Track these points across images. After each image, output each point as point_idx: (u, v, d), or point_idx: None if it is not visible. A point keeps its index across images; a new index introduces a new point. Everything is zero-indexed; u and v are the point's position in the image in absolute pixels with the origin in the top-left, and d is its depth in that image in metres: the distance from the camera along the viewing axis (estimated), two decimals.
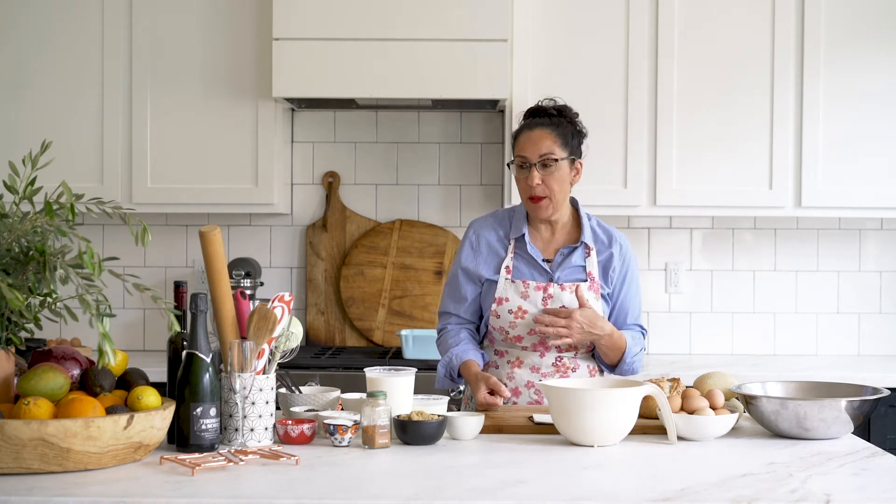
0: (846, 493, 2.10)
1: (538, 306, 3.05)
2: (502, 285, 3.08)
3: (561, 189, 3.07)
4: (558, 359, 3.07)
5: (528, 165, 3.04)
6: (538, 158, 3.03)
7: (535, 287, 3.06)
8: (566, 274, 3.09)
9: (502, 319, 3.06)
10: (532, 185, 3.03)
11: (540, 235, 3.15)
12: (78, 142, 4.25)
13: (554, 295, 3.05)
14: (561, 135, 3.07)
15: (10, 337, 2.31)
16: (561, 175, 3.05)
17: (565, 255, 3.11)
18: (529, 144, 3.05)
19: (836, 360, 4.46)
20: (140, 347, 4.62)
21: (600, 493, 2.11)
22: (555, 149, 3.04)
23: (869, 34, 4.23)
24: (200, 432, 2.37)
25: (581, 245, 3.11)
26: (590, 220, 3.17)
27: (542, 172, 3.03)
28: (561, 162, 3.04)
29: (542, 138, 3.05)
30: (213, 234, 2.53)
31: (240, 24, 4.25)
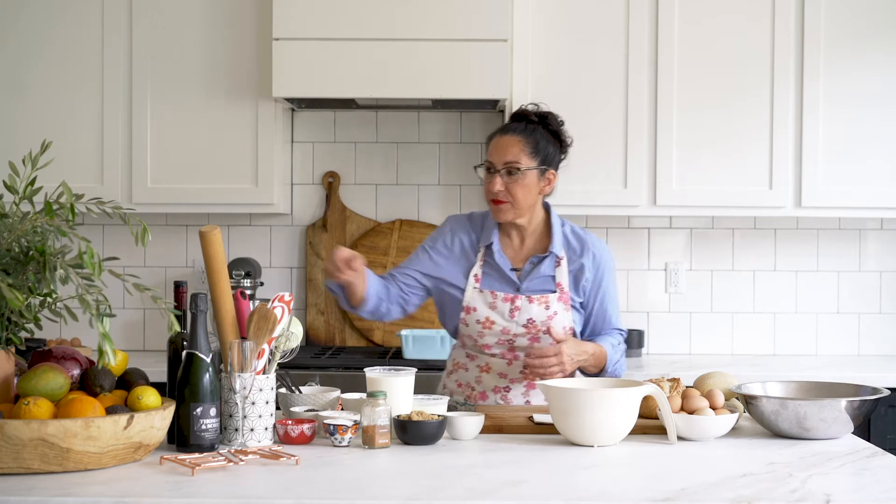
0: (846, 493, 2.11)
1: (505, 317, 3.03)
2: (470, 294, 3.05)
3: (525, 197, 3.03)
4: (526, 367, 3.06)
5: (494, 170, 3.03)
6: (503, 165, 3.02)
7: (504, 298, 3.03)
8: (534, 284, 3.06)
9: (471, 328, 3.06)
10: (493, 190, 3.02)
11: (510, 243, 3.11)
12: (78, 142, 4.25)
13: (521, 307, 3.03)
14: (532, 143, 3.04)
15: (10, 337, 2.31)
16: (526, 183, 3.02)
17: (534, 263, 3.07)
18: (497, 150, 3.04)
19: (836, 360, 4.46)
20: (140, 347, 4.62)
21: (600, 493, 2.11)
22: (521, 157, 3.02)
23: (869, 34, 4.23)
24: (200, 432, 2.37)
25: (550, 254, 3.07)
26: (563, 226, 3.13)
27: (506, 179, 3.01)
28: (527, 171, 3.02)
29: (511, 145, 3.03)
30: (213, 234, 2.53)
31: (240, 24, 4.25)
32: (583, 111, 4.24)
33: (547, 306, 3.03)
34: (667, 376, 2.99)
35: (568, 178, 4.23)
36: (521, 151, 3.02)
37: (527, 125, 3.07)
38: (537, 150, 3.04)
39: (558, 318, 3.04)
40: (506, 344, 3.05)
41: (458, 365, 3.14)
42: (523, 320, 3.03)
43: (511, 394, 3.08)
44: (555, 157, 3.09)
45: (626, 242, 4.61)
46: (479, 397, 3.08)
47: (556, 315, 3.04)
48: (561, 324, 3.05)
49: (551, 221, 3.12)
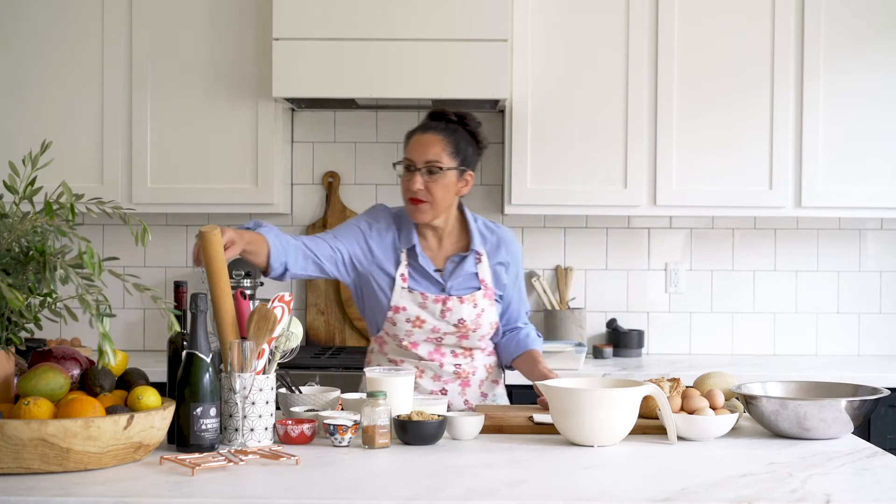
0: (846, 493, 2.10)
1: (436, 317, 3.03)
2: (398, 293, 3.03)
3: (444, 197, 3.01)
4: (457, 366, 3.08)
5: (414, 168, 3.00)
6: (423, 164, 2.99)
7: (434, 300, 3.02)
8: (459, 283, 3.06)
9: (398, 327, 3.04)
10: (413, 188, 2.99)
11: (428, 244, 3.10)
12: (78, 142, 4.25)
13: (453, 308, 3.03)
14: (452, 143, 3.02)
15: (10, 337, 2.31)
16: (446, 183, 3.01)
17: (456, 262, 3.07)
18: (417, 148, 3.01)
19: (836, 360, 4.46)
20: (140, 347, 4.62)
21: (600, 493, 2.11)
22: (443, 157, 3.00)
23: (869, 34, 4.23)
24: (200, 432, 2.37)
25: (471, 252, 3.07)
26: (476, 221, 3.14)
27: (426, 178, 2.99)
28: (447, 171, 3.00)
29: (432, 144, 3.00)
30: (213, 234, 2.53)
31: (240, 24, 4.24)
32: (583, 111, 4.25)
33: (475, 304, 3.05)
34: (667, 376, 2.99)
35: (568, 178, 4.25)
36: (442, 151, 3.00)
37: (447, 124, 3.05)
38: (458, 151, 3.03)
39: (486, 314, 3.07)
40: (433, 342, 3.05)
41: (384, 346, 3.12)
42: (454, 320, 3.03)
43: (449, 394, 3.08)
44: (473, 159, 3.08)
45: (626, 242, 4.61)
46: None
47: (484, 312, 3.06)
48: (488, 321, 3.08)
49: (466, 220, 3.12)
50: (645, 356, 4.52)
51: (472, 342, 3.07)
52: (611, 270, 4.61)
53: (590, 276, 4.62)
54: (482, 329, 3.06)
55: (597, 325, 4.61)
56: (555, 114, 4.24)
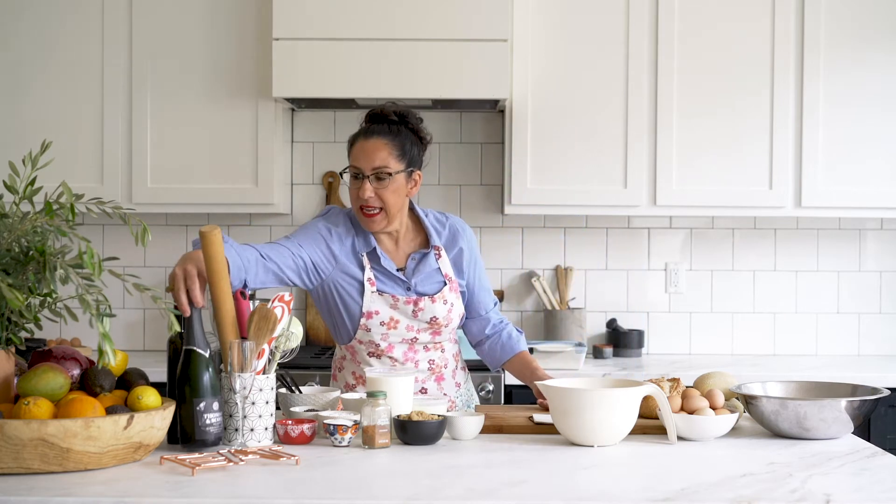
0: (846, 493, 2.10)
1: (409, 316, 3.00)
2: (369, 298, 2.97)
3: (395, 201, 2.96)
4: (431, 361, 3.07)
5: (362, 176, 2.93)
6: (371, 171, 2.92)
7: (405, 301, 2.98)
8: (422, 280, 3.02)
9: (373, 333, 2.98)
10: (363, 196, 2.92)
11: (385, 247, 3.05)
12: (78, 142, 4.25)
13: (425, 308, 3.00)
14: (398, 145, 2.95)
15: (10, 337, 2.31)
16: (396, 187, 2.95)
17: (417, 260, 3.03)
18: (363, 155, 2.93)
19: (836, 360, 4.46)
20: (140, 347, 4.62)
21: (600, 493, 2.11)
22: (390, 161, 2.93)
23: (869, 35, 4.23)
24: (205, 427, 2.37)
25: (431, 249, 3.05)
26: (427, 216, 3.10)
27: (375, 185, 2.92)
28: (396, 175, 2.94)
29: (377, 149, 2.93)
30: (213, 234, 2.53)
31: (240, 24, 4.25)
32: (583, 111, 4.25)
33: (445, 300, 3.03)
34: (667, 376, 2.99)
35: (568, 178, 4.25)
36: (388, 155, 2.94)
37: (389, 127, 2.98)
38: (404, 153, 2.96)
39: (455, 308, 3.06)
40: (408, 342, 3.03)
41: (360, 378, 3.06)
42: (427, 318, 3.01)
43: (430, 393, 3.07)
44: (419, 157, 3.02)
45: (626, 242, 4.61)
46: None
47: (453, 307, 3.05)
48: (458, 314, 3.07)
49: (419, 217, 3.09)
50: (645, 356, 4.52)
51: (443, 337, 3.08)
52: (611, 270, 4.61)
53: (590, 276, 4.62)
54: (453, 323, 3.07)
55: (597, 325, 4.61)
56: (555, 114, 4.24)
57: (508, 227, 4.59)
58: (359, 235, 3.01)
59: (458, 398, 3.12)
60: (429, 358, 3.07)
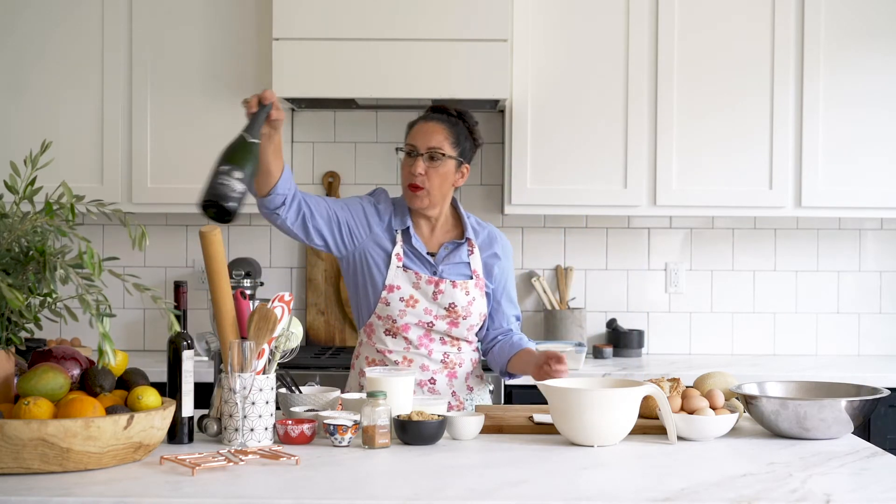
0: (846, 493, 2.11)
1: (429, 298, 3.04)
2: (393, 272, 3.05)
3: (441, 185, 3.06)
4: (445, 355, 3.08)
5: (416, 154, 3.05)
6: (426, 149, 3.05)
7: (427, 280, 3.05)
8: (450, 269, 3.09)
9: (391, 307, 3.04)
10: (414, 173, 3.04)
11: (421, 232, 3.13)
12: (78, 142, 4.25)
13: (445, 291, 3.05)
14: (454, 133, 3.09)
15: (10, 337, 2.31)
16: (445, 171, 3.06)
17: (450, 249, 3.11)
18: (421, 134, 3.07)
19: (836, 360, 4.46)
20: (140, 347, 4.62)
21: (600, 493, 2.11)
22: (445, 145, 3.06)
23: (869, 35, 4.23)
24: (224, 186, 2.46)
25: (465, 242, 3.12)
26: (469, 218, 3.19)
27: (427, 164, 3.04)
28: (447, 159, 3.06)
29: (435, 132, 3.06)
30: (213, 234, 2.53)
31: (240, 24, 4.25)
32: (583, 111, 4.25)
33: (467, 292, 3.07)
34: (667, 376, 2.99)
35: (568, 178, 4.25)
36: (444, 139, 3.06)
37: (448, 117, 3.12)
38: (458, 142, 3.09)
39: (476, 303, 3.08)
40: (424, 326, 3.05)
41: (373, 362, 3.10)
42: (446, 303, 3.05)
43: (438, 385, 3.07)
44: (470, 153, 3.14)
45: (626, 242, 4.61)
46: None
47: (475, 300, 3.08)
48: (478, 310, 3.09)
49: (459, 212, 3.18)
50: (645, 356, 4.52)
51: (461, 331, 3.08)
52: (611, 270, 4.61)
53: (590, 276, 4.62)
54: (472, 318, 3.07)
55: (597, 325, 4.61)
56: (555, 114, 4.24)
57: (508, 226, 4.59)
58: (397, 215, 3.11)
59: (468, 401, 3.12)
60: (444, 351, 3.08)
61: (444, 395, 3.06)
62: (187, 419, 2.48)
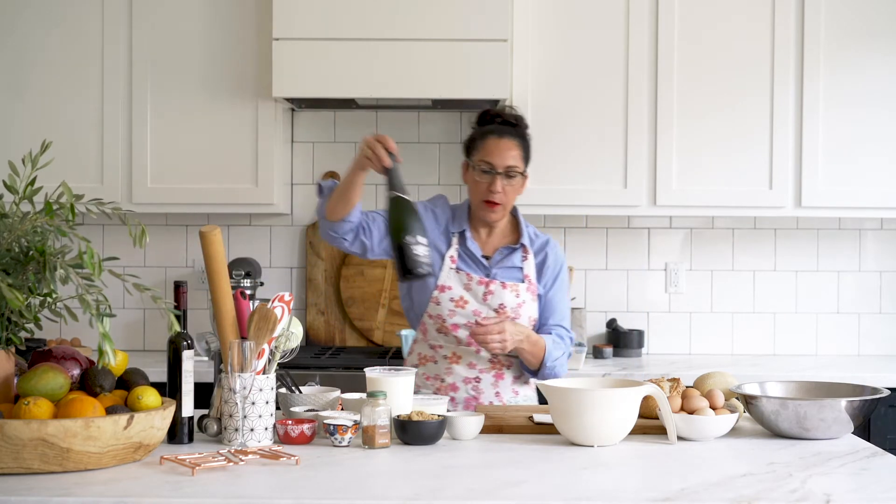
0: (846, 493, 2.11)
1: (479, 299, 3.09)
2: (446, 273, 3.12)
3: (514, 198, 3.15)
4: (494, 355, 3.11)
5: (493, 172, 3.08)
6: (504, 168, 3.08)
7: (478, 281, 3.11)
8: (503, 272, 3.15)
9: (442, 307, 3.09)
10: (494, 191, 3.08)
11: (478, 235, 3.20)
12: (78, 142, 4.25)
13: (495, 292, 3.10)
14: (524, 147, 3.15)
15: (10, 337, 2.31)
16: (518, 186, 3.14)
17: (505, 254, 3.16)
18: (498, 153, 3.09)
19: (836, 360, 4.46)
20: (140, 347, 4.62)
21: (600, 493, 2.11)
22: (519, 161, 3.11)
23: (869, 34, 4.23)
24: (417, 258, 2.63)
25: (520, 247, 3.17)
26: (527, 227, 3.24)
27: (504, 182, 3.09)
28: (521, 175, 3.12)
29: (510, 149, 3.11)
30: (213, 234, 2.54)
31: (240, 24, 4.25)
32: (583, 111, 4.24)
33: (517, 294, 3.11)
34: (667, 376, 2.99)
35: (568, 178, 4.25)
36: (518, 156, 3.12)
37: (515, 129, 3.16)
38: (527, 155, 3.17)
39: (526, 306, 3.12)
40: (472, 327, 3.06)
41: (424, 358, 3.18)
42: (495, 304, 3.09)
43: (482, 384, 3.11)
44: (530, 160, 3.20)
45: (626, 242, 4.61)
46: (449, 389, 3.11)
47: (525, 304, 3.12)
48: (528, 314, 3.12)
49: (518, 218, 3.23)
50: (645, 356, 4.52)
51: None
52: (611, 270, 4.61)
53: (590, 276, 4.62)
54: (521, 320, 3.10)
55: (597, 325, 4.61)
56: (554, 114, 4.24)
57: None
58: (455, 220, 3.17)
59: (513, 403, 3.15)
60: None
61: (487, 395, 3.10)
62: (187, 419, 2.49)
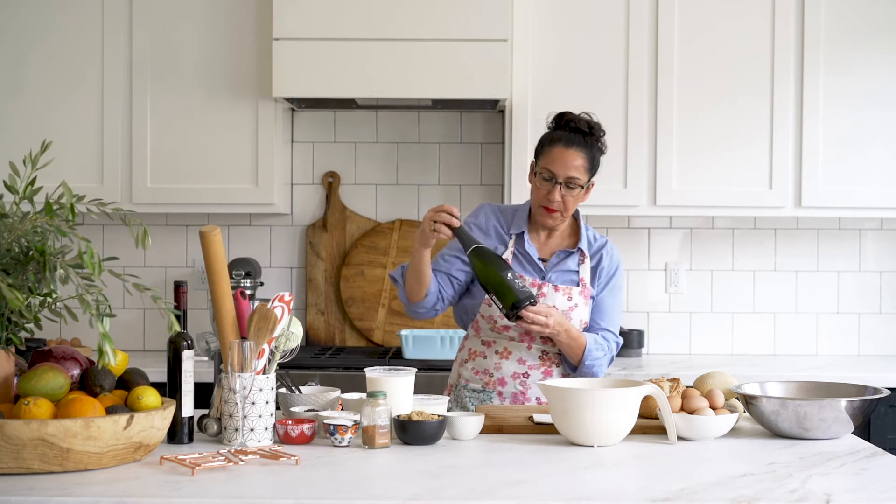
0: (846, 493, 2.11)
1: None
2: None
3: (574, 207, 3.13)
4: (544, 352, 3.13)
5: (554, 181, 3.07)
6: (565, 178, 3.07)
7: (531, 284, 3.11)
8: (558, 276, 3.15)
9: (493, 308, 3.09)
10: (553, 199, 3.07)
11: (537, 237, 3.20)
12: (78, 142, 4.25)
13: (547, 294, 3.11)
14: (591, 159, 3.11)
15: (10, 337, 2.31)
16: (579, 195, 3.11)
17: (561, 257, 3.17)
18: (561, 162, 3.07)
19: (836, 360, 4.46)
20: (140, 347, 4.62)
21: (600, 493, 2.11)
22: (582, 173, 3.08)
23: (869, 34, 4.23)
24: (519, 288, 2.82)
25: (577, 251, 3.17)
26: (587, 230, 3.23)
27: (564, 191, 3.08)
28: (583, 186, 3.11)
29: (575, 159, 3.08)
30: (213, 234, 2.54)
31: (240, 24, 4.24)
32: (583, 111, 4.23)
33: (570, 297, 3.12)
34: (667, 376, 2.99)
35: None
36: (583, 167, 3.08)
37: (584, 138, 3.11)
38: (593, 166, 3.12)
39: (578, 310, 3.12)
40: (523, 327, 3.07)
41: (474, 353, 3.18)
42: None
43: (530, 380, 3.13)
44: (598, 169, 3.17)
45: (626, 242, 4.60)
46: (497, 384, 3.13)
47: (577, 307, 3.12)
48: (579, 317, 3.12)
49: (579, 222, 3.22)
50: (645, 356, 4.52)
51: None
52: None
53: None
54: (572, 322, 3.10)
55: None
56: None
57: None
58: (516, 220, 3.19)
59: None
60: (542, 348, 3.12)
61: (534, 390, 3.11)
62: (187, 419, 2.49)
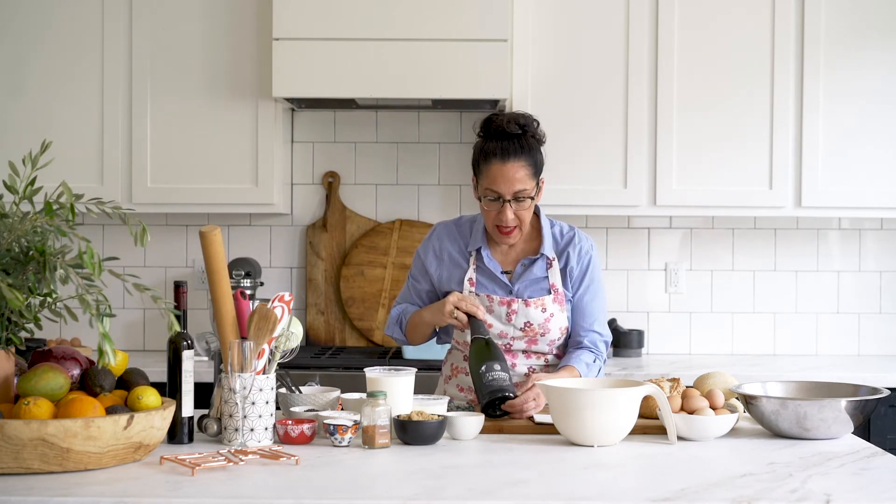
0: (846, 493, 2.11)
1: (503, 321, 3.01)
2: None
3: (529, 216, 2.98)
4: (530, 368, 3.05)
5: (501, 200, 2.92)
6: (512, 195, 2.92)
7: (500, 302, 3.00)
8: (525, 286, 3.02)
9: (466, 333, 2.97)
10: (505, 220, 2.93)
11: (498, 247, 3.07)
12: (78, 142, 4.25)
13: (518, 311, 3.00)
14: (533, 163, 2.93)
15: (10, 337, 2.31)
16: (531, 204, 2.96)
17: (526, 265, 3.03)
18: (503, 179, 2.90)
19: (836, 360, 4.46)
20: (140, 347, 4.62)
21: (600, 493, 2.11)
22: (528, 182, 2.91)
23: (869, 32, 4.23)
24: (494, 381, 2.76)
25: (541, 256, 3.03)
26: (553, 226, 3.09)
27: (515, 207, 2.93)
28: (533, 195, 2.95)
29: (517, 171, 2.90)
30: (213, 234, 2.54)
31: (240, 24, 4.25)
32: (583, 111, 4.24)
33: (543, 309, 3.01)
34: (667, 376, 2.99)
35: (568, 178, 4.25)
36: (526, 176, 2.91)
37: (520, 142, 2.93)
38: (537, 169, 2.96)
39: (555, 319, 3.02)
40: (503, 347, 3.02)
41: (456, 369, 3.12)
42: (520, 324, 3.01)
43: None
44: (543, 164, 3.00)
45: (625, 242, 4.61)
46: None
47: (553, 317, 3.02)
48: (558, 325, 3.03)
49: (541, 223, 3.08)
50: (645, 356, 4.52)
51: (541, 347, 3.03)
52: (610, 270, 4.60)
53: None
54: (551, 334, 3.01)
55: None
56: (555, 114, 4.23)
57: None
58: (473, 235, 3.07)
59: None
60: (528, 364, 3.04)
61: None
62: (187, 419, 2.49)
